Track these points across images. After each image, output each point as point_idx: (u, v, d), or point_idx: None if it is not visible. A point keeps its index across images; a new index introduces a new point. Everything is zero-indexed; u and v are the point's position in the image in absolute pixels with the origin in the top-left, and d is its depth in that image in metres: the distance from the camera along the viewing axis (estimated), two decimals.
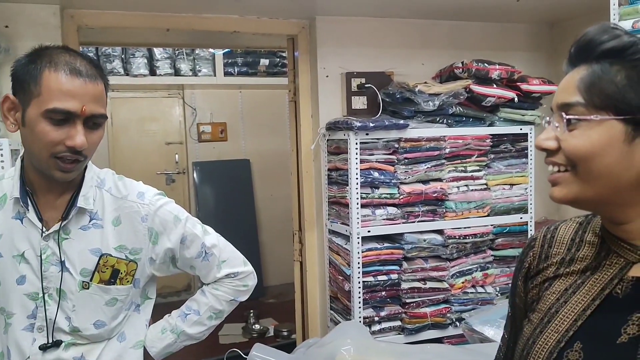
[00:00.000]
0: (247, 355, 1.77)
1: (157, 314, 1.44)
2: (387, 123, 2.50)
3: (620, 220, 0.81)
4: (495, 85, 2.68)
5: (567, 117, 0.78)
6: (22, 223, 1.20)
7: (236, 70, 5.09)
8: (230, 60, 5.06)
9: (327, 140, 2.79)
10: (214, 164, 5.29)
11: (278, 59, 5.16)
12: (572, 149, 0.78)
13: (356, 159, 2.50)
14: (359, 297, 2.53)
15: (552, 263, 0.90)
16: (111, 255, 1.24)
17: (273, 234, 5.29)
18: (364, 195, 2.54)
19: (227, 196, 5.21)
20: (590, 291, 0.82)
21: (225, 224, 4.62)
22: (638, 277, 0.79)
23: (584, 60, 0.80)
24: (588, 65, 0.79)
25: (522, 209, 2.82)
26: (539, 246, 0.94)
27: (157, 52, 4.82)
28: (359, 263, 2.52)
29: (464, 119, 2.69)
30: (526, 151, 2.82)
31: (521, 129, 2.78)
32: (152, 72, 4.84)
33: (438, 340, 2.63)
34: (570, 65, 0.82)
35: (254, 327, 4.25)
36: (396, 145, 2.58)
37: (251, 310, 4.32)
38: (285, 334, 4.09)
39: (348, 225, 2.57)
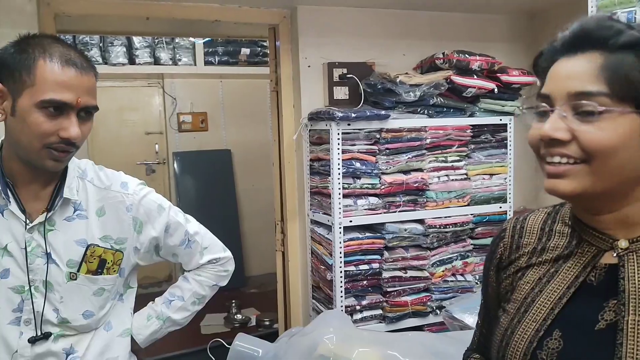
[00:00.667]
0: (229, 345, 1.78)
1: (139, 304, 1.45)
2: (368, 113, 2.51)
3: (604, 212, 0.81)
4: (475, 76, 2.70)
5: (600, 108, 0.73)
6: (2, 215, 1.18)
7: (217, 59, 5.04)
8: (210, 50, 5.01)
9: (309, 130, 2.79)
10: (194, 154, 5.25)
11: (259, 49, 5.13)
12: (594, 141, 0.74)
13: (338, 149, 2.51)
14: (341, 287, 2.55)
15: (524, 253, 0.91)
16: (98, 246, 1.25)
17: (255, 225, 5.28)
18: (345, 186, 2.55)
19: (208, 187, 5.19)
20: (564, 279, 0.83)
21: (206, 215, 4.59)
22: (611, 264, 0.80)
23: (592, 47, 0.76)
24: (602, 53, 0.75)
25: (502, 199, 2.86)
26: (509, 237, 0.95)
27: (137, 40, 4.75)
28: (340, 253, 2.54)
29: (445, 109, 2.72)
30: (505, 141, 2.86)
31: (501, 120, 2.82)
32: (132, 61, 4.77)
33: (419, 328, 2.66)
34: (567, 51, 0.79)
35: (235, 317, 4.25)
36: (378, 136, 2.60)
37: (233, 301, 4.31)
38: (267, 323, 4.10)
39: (330, 215, 2.59)
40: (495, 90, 2.71)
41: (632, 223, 0.80)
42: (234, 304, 4.31)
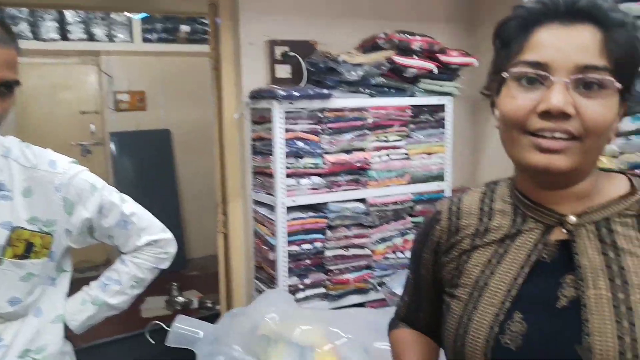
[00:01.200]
0: (169, 328, 1.75)
1: (76, 289, 1.39)
2: (311, 92, 2.50)
3: (561, 187, 0.80)
4: (416, 57, 2.73)
5: (618, 85, 0.72)
6: None
7: (155, 36, 4.88)
8: (148, 26, 4.84)
9: (251, 109, 2.75)
10: (132, 134, 5.08)
11: (199, 26, 4.99)
12: (598, 118, 0.72)
13: (281, 128, 2.49)
14: (284, 266, 2.55)
15: (466, 235, 0.88)
16: (24, 229, 1.17)
17: (196, 206, 5.20)
18: (288, 165, 2.54)
19: (147, 168, 5.05)
20: (515, 259, 0.81)
21: (145, 197, 4.42)
22: (562, 240, 0.79)
23: (586, 20, 0.74)
24: (598, 28, 0.73)
25: (440, 177, 2.93)
26: (445, 219, 0.92)
27: (69, 15, 4.52)
28: (284, 233, 2.53)
29: (386, 89, 2.74)
30: (444, 121, 2.92)
31: (440, 100, 2.87)
32: (64, 37, 4.54)
33: (361, 305, 2.71)
34: (558, 19, 0.75)
35: (177, 299, 4.19)
36: (320, 115, 2.59)
37: (174, 283, 4.25)
38: (209, 305, 4.07)
39: (273, 195, 2.57)
40: (435, 70, 2.75)
41: (581, 197, 0.80)
42: (175, 287, 4.25)
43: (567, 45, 0.73)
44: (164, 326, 1.86)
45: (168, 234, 1.47)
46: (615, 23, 0.74)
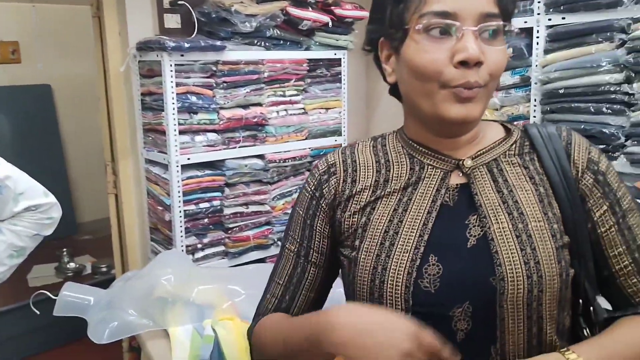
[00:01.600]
0: (57, 297, 1.64)
1: None
2: (203, 44, 2.38)
3: (461, 134, 0.84)
4: (311, 9, 2.69)
5: (515, 29, 0.79)
6: None
7: None
8: None
9: (139, 62, 2.57)
10: (6, 90, 4.59)
11: None
12: (500, 64, 0.78)
13: (171, 82, 2.36)
14: (181, 227, 2.47)
15: (366, 187, 0.88)
16: None
17: (84, 167, 4.87)
18: (181, 122, 2.43)
19: (25, 127, 4.61)
20: (421, 205, 0.84)
21: (25, 159, 4.10)
22: (461, 184, 0.85)
23: None
24: None
25: (337, 132, 2.96)
26: (341, 171, 0.90)
27: None
28: (179, 192, 2.45)
29: (282, 42, 2.68)
30: (340, 76, 2.93)
31: (335, 54, 2.87)
32: None
33: (261, 261, 2.71)
34: None
35: (68, 266, 3.96)
36: (214, 68, 2.49)
37: (64, 249, 4.00)
38: (104, 269, 3.89)
39: (166, 153, 2.46)
40: (330, 23, 2.73)
41: (471, 142, 0.87)
42: (65, 253, 4.01)
43: None
44: (50, 295, 1.74)
45: (51, 198, 1.37)
46: None
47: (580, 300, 0.86)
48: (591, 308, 0.86)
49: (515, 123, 2.19)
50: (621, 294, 0.86)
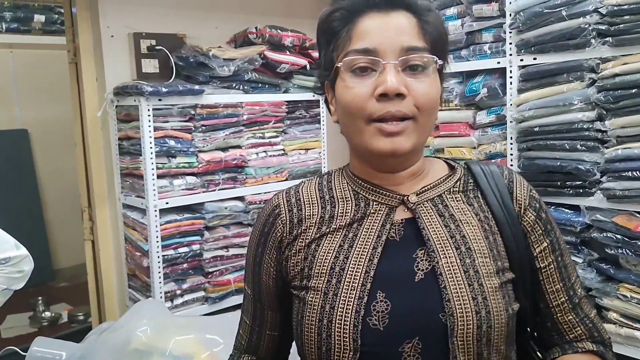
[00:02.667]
0: (26, 352, 1.57)
1: None
2: (181, 88, 2.39)
3: (401, 168, 0.85)
4: (288, 52, 2.72)
5: (440, 61, 0.81)
6: None
7: (4, 26, 4.39)
8: None
9: (116, 106, 2.56)
10: None
11: (56, 16, 4.57)
12: (426, 96, 0.79)
13: (149, 126, 2.35)
14: (159, 272, 2.42)
15: (311, 224, 0.87)
16: None
17: (61, 212, 4.77)
18: (160, 166, 2.41)
19: (2, 172, 4.53)
20: (367, 241, 0.82)
21: (2, 205, 4.05)
22: (406, 219, 0.84)
23: (401, 7, 0.80)
24: (411, 13, 0.81)
25: (317, 172, 2.95)
26: (286, 212, 0.89)
27: None
28: (157, 237, 2.40)
29: (260, 85, 2.70)
30: (319, 117, 2.95)
31: (314, 96, 2.89)
32: None
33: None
34: (377, 8, 0.80)
35: (43, 315, 3.84)
36: (192, 112, 2.49)
37: (39, 298, 3.88)
38: (81, 318, 3.77)
39: (144, 198, 2.42)
40: (308, 66, 2.76)
41: (415, 178, 0.87)
42: (40, 301, 3.88)
43: (390, 30, 0.79)
44: (19, 351, 1.67)
45: (22, 250, 1.32)
46: (425, 8, 0.82)
47: (535, 333, 0.90)
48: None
49: (493, 161, 2.22)
50: (555, 328, 0.88)
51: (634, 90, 1.81)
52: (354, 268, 0.81)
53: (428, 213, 0.84)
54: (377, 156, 0.82)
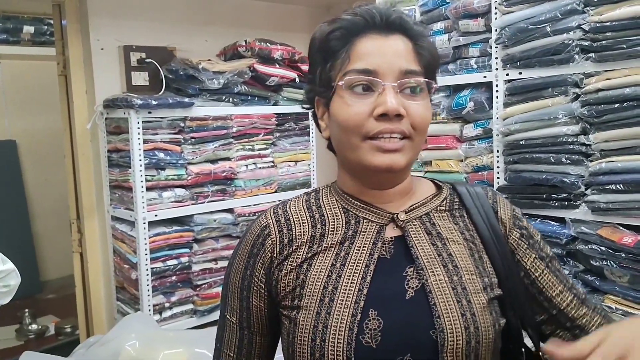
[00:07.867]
0: None
1: None
2: (171, 101, 2.40)
3: (391, 185, 0.87)
4: (278, 65, 2.74)
5: (436, 85, 0.85)
6: None
7: None
8: None
9: (106, 119, 2.57)
10: None
11: (46, 27, 4.56)
12: (422, 117, 0.82)
13: (139, 139, 2.35)
14: (148, 285, 2.41)
15: (302, 243, 0.86)
16: None
17: (49, 223, 4.74)
18: (149, 178, 2.41)
19: None
20: (359, 259, 0.83)
21: None
22: (396, 236, 0.85)
23: (398, 32, 0.83)
24: (407, 38, 0.83)
25: (306, 184, 2.97)
26: (275, 232, 0.87)
27: None
28: (146, 249, 2.40)
29: (250, 97, 2.72)
30: (308, 129, 2.97)
31: (303, 108, 2.90)
32: None
33: None
34: (377, 30, 0.82)
35: (30, 327, 3.80)
36: (182, 125, 2.50)
37: (26, 310, 3.83)
38: (68, 330, 3.73)
39: (133, 210, 2.42)
40: (297, 79, 2.79)
41: (404, 196, 0.89)
42: (27, 314, 3.84)
43: (388, 53, 0.81)
44: None
45: (8, 265, 1.31)
46: (419, 33, 0.85)
47: (523, 350, 0.91)
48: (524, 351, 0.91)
49: (480, 173, 2.23)
50: (575, 325, 0.90)
51: (616, 105, 1.84)
52: (346, 286, 0.81)
53: (416, 231, 0.86)
54: (372, 171, 0.83)
